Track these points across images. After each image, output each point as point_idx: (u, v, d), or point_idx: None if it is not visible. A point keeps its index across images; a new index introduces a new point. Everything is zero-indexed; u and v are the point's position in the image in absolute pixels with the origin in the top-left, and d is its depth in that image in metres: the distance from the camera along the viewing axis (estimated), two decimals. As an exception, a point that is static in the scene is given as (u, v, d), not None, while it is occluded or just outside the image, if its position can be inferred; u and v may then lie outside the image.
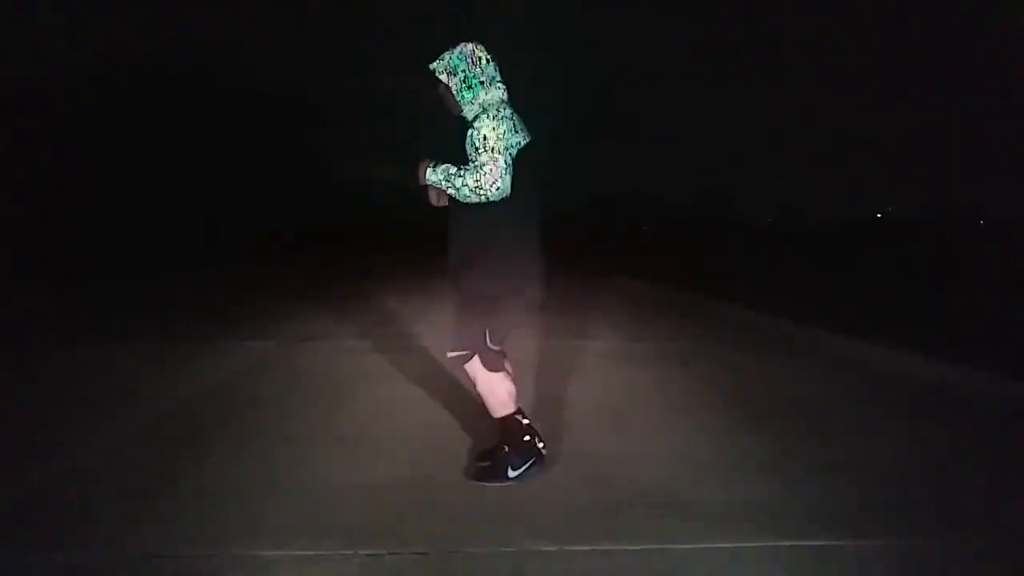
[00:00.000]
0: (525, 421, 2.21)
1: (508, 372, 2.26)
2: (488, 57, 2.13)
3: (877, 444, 2.58)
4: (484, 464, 2.25)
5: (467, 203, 2.06)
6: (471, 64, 2.10)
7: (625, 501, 2.02)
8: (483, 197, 2.01)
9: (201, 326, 5.16)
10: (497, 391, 2.18)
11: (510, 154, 2.03)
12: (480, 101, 2.11)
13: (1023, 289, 7.79)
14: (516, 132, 2.08)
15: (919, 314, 5.84)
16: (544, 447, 2.21)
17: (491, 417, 2.23)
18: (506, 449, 2.19)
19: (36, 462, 2.31)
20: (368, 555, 1.70)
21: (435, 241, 2.28)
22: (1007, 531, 1.91)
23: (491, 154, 2.00)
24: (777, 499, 2.05)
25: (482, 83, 2.11)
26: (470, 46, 2.12)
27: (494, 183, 1.99)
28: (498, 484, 2.14)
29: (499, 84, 2.14)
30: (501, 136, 2.02)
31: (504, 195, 2.02)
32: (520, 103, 2.23)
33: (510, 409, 2.20)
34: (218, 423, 2.75)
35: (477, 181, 2.00)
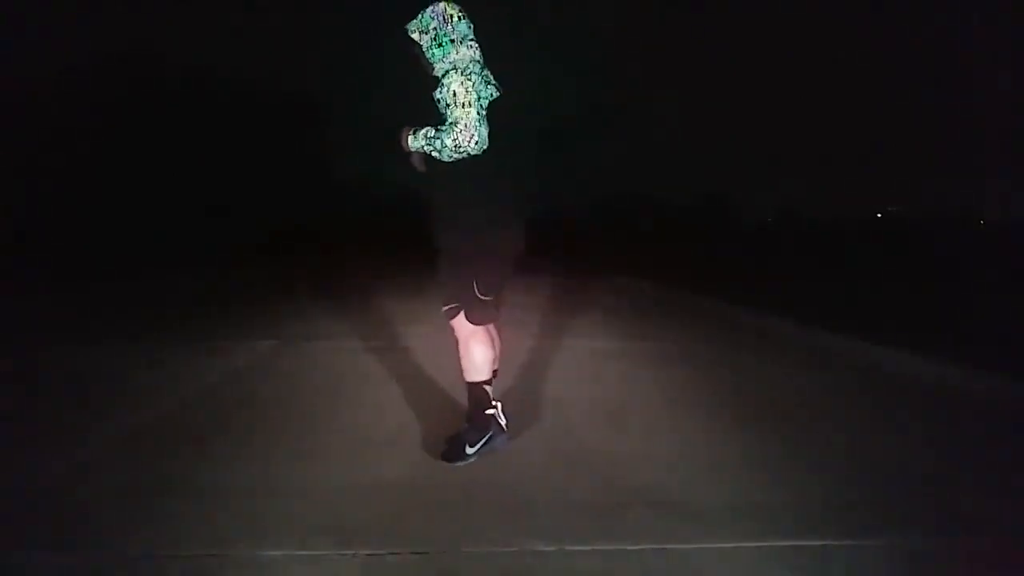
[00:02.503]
0: (490, 390, 2.28)
1: (493, 337, 2.32)
2: (460, 15, 2.14)
3: (877, 444, 2.58)
4: (448, 445, 2.31)
5: (444, 161, 2.08)
6: (442, 22, 2.12)
7: (625, 501, 2.02)
8: (464, 153, 2.04)
9: (201, 326, 5.16)
10: (474, 352, 2.24)
11: (481, 106, 2.04)
12: (452, 59, 2.12)
13: (1023, 289, 7.79)
14: (487, 85, 2.09)
15: (919, 314, 5.84)
16: (507, 423, 2.32)
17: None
18: (465, 425, 2.28)
19: (36, 462, 2.30)
20: (368, 555, 1.70)
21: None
22: (1007, 531, 1.91)
23: (463, 109, 2.01)
24: (777, 499, 2.05)
25: (452, 41, 2.13)
26: (442, 4, 2.14)
27: (471, 138, 2.01)
28: (460, 463, 2.20)
29: (471, 42, 2.16)
30: (470, 90, 2.03)
31: (484, 147, 2.04)
32: (523, 103, 2.23)
33: (482, 376, 2.25)
34: (218, 423, 2.75)
35: (455, 139, 2.01)
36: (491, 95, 2.10)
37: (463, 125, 2.01)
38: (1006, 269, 10.90)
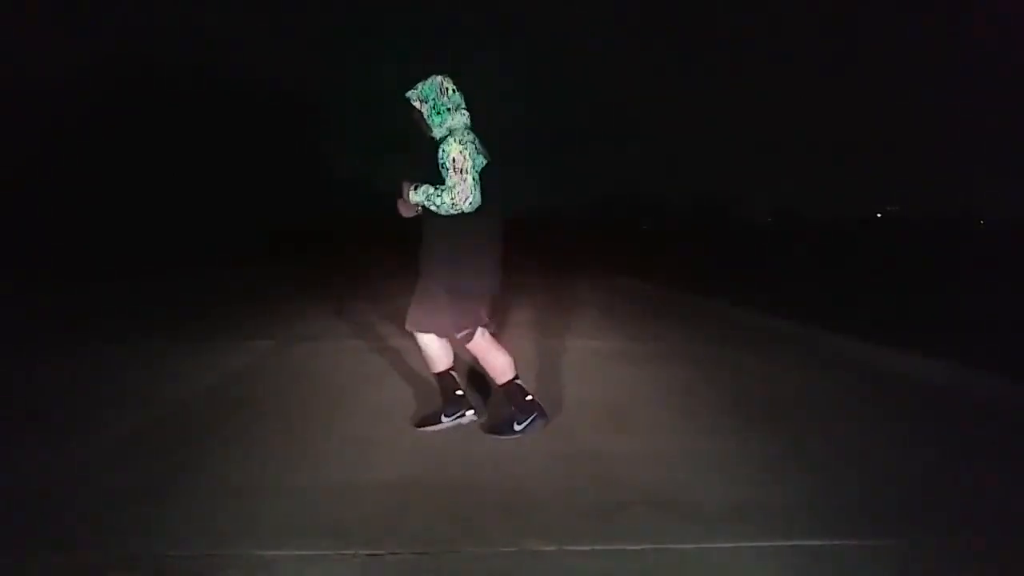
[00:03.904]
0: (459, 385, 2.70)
1: (449, 346, 2.63)
2: (454, 87, 2.47)
3: (877, 444, 2.58)
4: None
5: (441, 214, 2.39)
6: (439, 94, 2.44)
7: (625, 501, 2.02)
8: (459, 210, 2.35)
9: (201, 326, 5.16)
10: (432, 349, 2.61)
11: (477, 171, 2.37)
12: (448, 125, 2.44)
13: (1023, 289, 7.79)
14: (479, 153, 2.41)
15: (918, 314, 5.84)
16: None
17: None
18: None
19: (36, 462, 2.30)
20: (368, 555, 1.70)
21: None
22: (1007, 531, 1.91)
23: (460, 175, 2.33)
24: (777, 499, 2.05)
25: (448, 110, 2.45)
26: (439, 78, 2.46)
27: (467, 199, 2.33)
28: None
29: (463, 111, 2.47)
30: (467, 157, 2.35)
31: (476, 207, 2.36)
32: (521, 106, 2.35)
33: (441, 367, 2.65)
34: (218, 423, 2.75)
35: (453, 199, 2.33)
36: (483, 162, 2.41)
37: (459, 189, 2.33)
38: (1005, 269, 10.90)
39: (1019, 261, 12.75)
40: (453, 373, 2.69)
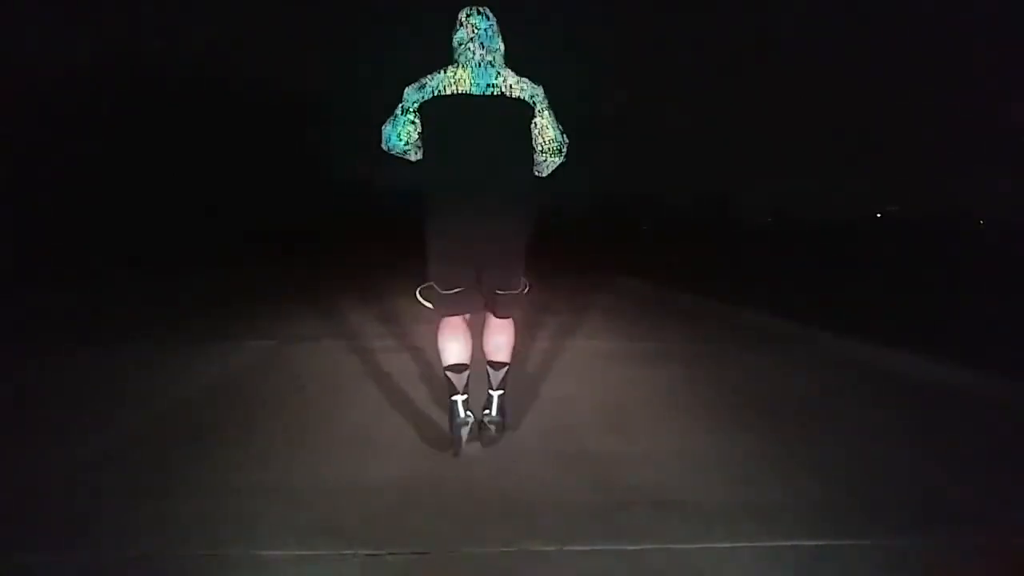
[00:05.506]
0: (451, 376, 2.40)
1: (458, 329, 2.43)
2: (462, 22, 2.27)
3: (877, 444, 2.58)
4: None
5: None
6: (456, 27, 2.29)
7: (625, 501, 2.02)
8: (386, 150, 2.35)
9: (201, 326, 5.16)
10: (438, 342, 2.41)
11: (402, 107, 2.26)
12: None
13: (1023, 289, 7.79)
14: (421, 89, 2.21)
15: (919, 314, 5.84)
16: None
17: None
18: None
19: (36, 462, 2.30)
20: (368, 555, 1.70)
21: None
22: (1005, 530, 1.91)
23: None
24: (777, 499, 2.05)
25: (453, 48, 2.29)
26: (463, 10, 2.30)
27: (380, 136, 2.31)
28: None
29: (466, 48, 2.24)
30: (403, 95, 2.25)
31: (385, 146, 2.32)
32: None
33: (441, 361, 2.40)
34: (218, 423, 2.75)
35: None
36: (421, 99, 2.21)
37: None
38: (1005, 269, 10.90)
39: (1019, 261, 12.75)
40: (448, 374, 2.40)
